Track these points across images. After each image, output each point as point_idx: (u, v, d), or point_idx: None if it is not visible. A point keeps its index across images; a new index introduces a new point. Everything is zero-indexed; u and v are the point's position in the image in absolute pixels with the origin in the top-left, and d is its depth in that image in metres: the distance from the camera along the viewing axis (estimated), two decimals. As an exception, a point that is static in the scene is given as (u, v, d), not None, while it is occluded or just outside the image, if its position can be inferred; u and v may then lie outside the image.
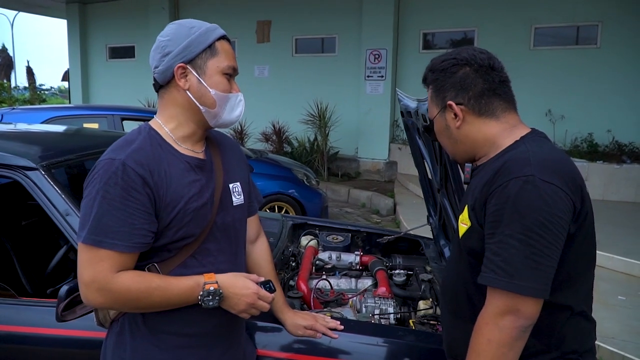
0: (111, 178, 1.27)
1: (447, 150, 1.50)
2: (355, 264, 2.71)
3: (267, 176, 6.16)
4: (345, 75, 10.87)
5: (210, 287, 1.34)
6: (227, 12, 12.26)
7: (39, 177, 1.93)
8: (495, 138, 1.36)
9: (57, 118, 5.63)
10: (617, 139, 8.38)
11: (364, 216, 7.86)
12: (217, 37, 1.42)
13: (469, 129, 1.38)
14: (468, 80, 1.36)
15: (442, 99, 1.41)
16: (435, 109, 1.44)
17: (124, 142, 1.37)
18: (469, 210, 1.31)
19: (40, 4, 15.22)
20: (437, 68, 1.42)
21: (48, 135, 2.73)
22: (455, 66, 1.37)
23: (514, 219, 1.14)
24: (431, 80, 1.44)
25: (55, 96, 38.39)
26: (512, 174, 1.18)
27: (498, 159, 1.30)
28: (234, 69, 1.45)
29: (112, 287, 1.29)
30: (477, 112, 1.36)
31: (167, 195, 1.33)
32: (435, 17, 9.94)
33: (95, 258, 1.28)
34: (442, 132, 1.45)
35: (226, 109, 1.44)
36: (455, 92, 1.37)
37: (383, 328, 1.92)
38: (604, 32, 8.62)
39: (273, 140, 10.63)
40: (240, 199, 1.54)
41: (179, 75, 1.39)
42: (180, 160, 1.40)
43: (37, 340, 1.88)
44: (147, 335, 1.41)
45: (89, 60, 15.03)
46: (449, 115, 1.40)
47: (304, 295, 2.22)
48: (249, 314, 1.42)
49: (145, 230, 1.30)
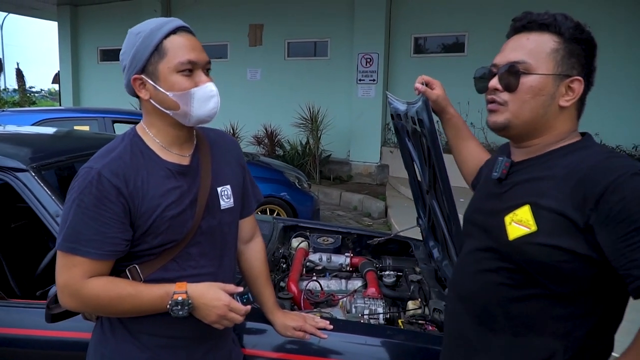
0: (86, 187, 1.30)
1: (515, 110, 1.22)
2: (346, 265, 2.72)
3: (258, 179, 6.14)
4: (337, 79, 10.90)
5: (178, 297, 1.34)
6: (219, 16, 12.27)
7: (29, 178, 1.94)
8: (564, 134, 1.22)
9: (47, 120, 5.63)
10: (604, 143, 8.44)
11: (356, 219, 7.88)
12: (163, 35, 1.34)
13: (564, 114, 1.22)
14: (594, 74, 1.23)
15: (570, 67, 1.19)
16: (553, 67, 1.19)
17: (106, 150, 1.38)
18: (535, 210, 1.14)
19: (31, 5, 15.15)
20: (587, 36, 1.19)
21: (38, 137, 2.73)
22: (596, 49, 1.21)
23: None
24: (571, 37, 1.18)
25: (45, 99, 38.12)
26: (620, 169, 1.05)
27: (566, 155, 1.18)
28: (191, 61, 1.35)
29: (83, 292, 1.32)
30: (578, 107, 1.24)
31: (143, 204, 1.34)
32: (426, 22, 10.00)
33: (68, 264, 1.31)
34: (538, 94, 1.20)
35: (194, 106, 1.35)
36: (585, 73, 1.20)
37: (371, 327, 1.93)
38: (594, 34, 8.68)
39: (265, 144, 10.63)
40: (229, 202, 1.53)
41: (138, 86, 1.37)
42: (161, 167, 1.40)
43: (26, 341, 1.88)
44: (127, 334, 1.43)
45: (80, 62, 14.97)
46: (563, 87, 1.19)
47: (294, 297, 2.23)
48: (221, 325, 1.40)
49: (118, 239, 1.32)
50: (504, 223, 1.19)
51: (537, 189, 1.17)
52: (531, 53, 1.20)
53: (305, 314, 1.86)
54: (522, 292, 1.17)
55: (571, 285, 1.11)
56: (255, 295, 1.76)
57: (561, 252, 1.09)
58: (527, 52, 1.21)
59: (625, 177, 1.03)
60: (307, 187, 6.67)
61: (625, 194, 1.02)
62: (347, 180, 10.37)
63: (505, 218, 1.19)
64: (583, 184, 1.08)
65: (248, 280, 1.78)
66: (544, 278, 1.13)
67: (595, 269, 1.07)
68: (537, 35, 1.21)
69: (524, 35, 1.24)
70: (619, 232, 1.01)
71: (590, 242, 1.06)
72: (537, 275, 1.13)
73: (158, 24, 1.36)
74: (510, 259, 1.18)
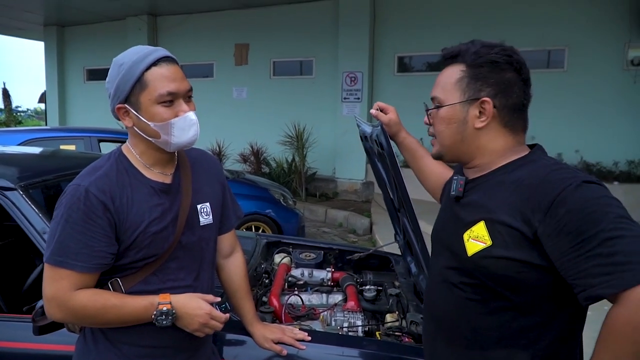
0: (74, 203, 1.36)
1: (439, 141, 1.35)
2: (327, 280, 2.78)
3: (243, 196, 6.21)
4: (322, 97, 11.04)
5: (163, 308, 1.41)
6: (205, 35, 12.42)
7: (17, 197, 1.99)
8: (505, 152, 1.27)
9: (34, 140, 5.64)
10: (585, 159, 8.65)
11: (341, 235, 7.94)
12: (144, 67, 1.38)
13: (486, 134, 1.27)
14: (514, 88, 1.24)
15: (476, 90, 1.25)
16: (459, 95, 1.28)
17: (92, 168, 1.46)
18: (489, 225, 1.19)
19: (17, 26, 15.18)
20: (486, 56, 1.25)
21: (26, 157, 2.78)
22: (508, 65, 1.24)
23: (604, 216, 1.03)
24: (472, 63, 1.27)
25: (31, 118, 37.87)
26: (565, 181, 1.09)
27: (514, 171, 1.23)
28: (171, 93, 1.39)
29: (70, 304, 1.38)
30: (504, 123, 1.26)
31: (128, 219, 1.41)
32: (410, 41, 10.20)
33: (56, 276, 1.37)
34: (453, 122, 1.29)
35: (174, 134, 1.41)
36: (495, 92, 1.24)
37: (348, 339, 2.00)
38: (570, 56, 8.94)
39: (251, 161, 10.68)
40: (208, 219, 1.60)
41: (122, 114, 1.45)
42: (145, 185, 1.47)
43: (13, 355, 1.92)
44: (108, 345, 1.49)
45: (66, 82, 15.01)
46: (474, 111, 1.26)
47: (275, 310, 2.30)
48: (203, 333, 1.49)
49: (104, 253, 1.39)
50: (463, 240, 1.24)
51: (489, 204, 1.21)
52: (442, 87, 1.32)
53: (284, 326, 1.93)
54: (486, 306, 1.21)
55: (531, 294, 1.15)
56: (235, 307, 1.83)
57: (516, 264, 1.13)
58: (439, 87, 1.33)
59: (570, 189, 1.08)
60: (292, 204, 6.73)
61: (570, 206, 1.06)
62: (332, 197, 10.44)
63: (464, 235, 1.24)
64: (530, 197, 1.12)
65: (228, 293, 1.84)
66: (504, 290, 1.17)
67: (551, 277, 1.12)
68: (450, 68, 1.32)
69: (443, 70, 1.35)
70: (567, 244, 1.05)
71: (541, 252, 1.11)
72: (498, 287, 1.18)
73: (140, 55, 1.40)
74: (472, 274, 1.22)
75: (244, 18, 11.87)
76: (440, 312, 1.34)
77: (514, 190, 1.18)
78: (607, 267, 1.00)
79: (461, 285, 1.26)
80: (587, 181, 1.09)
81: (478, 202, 1.26)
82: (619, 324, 1.00)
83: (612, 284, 0.99)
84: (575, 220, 1.05)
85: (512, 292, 1.17)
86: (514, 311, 1.18)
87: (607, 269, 1.00)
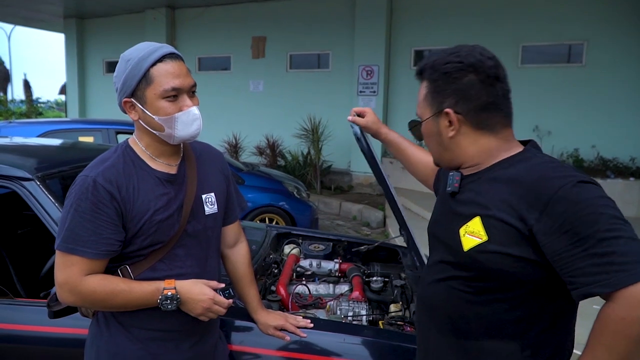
0: (83, 193, 1.43)
1: (432, 154, 1.43)
2: (335, 271, 2.84)
3: (258, 189, 6.30)
4: (338, 91, 11.07)
5: (168, 293, 1.48)
6: (222, 28, 12.51)
7: (35, 187, 2.08)
8: (491, 152, 1.30)
9: (53, 132, 5.78)
10: (601, 155, 8.57)
11: (355, 228, 7.99)
12: (150, 63, 1.44)
13: (462, 140, 1.31)
14: (472, 91, 1.26)
15: (439, 103, 1.30)
16: (429, 110, 1.34)
17: (100, 160, 1.53)
18: (485, 221, 1.22)
19: (38, 18, 15.42)
20: (440, 69, 1.29)
21: (43, 148, 2.87)
22: (461, 72, 1.26)
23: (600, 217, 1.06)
24: (430, 78, 1.32)
25: (52, 109, 38.49)
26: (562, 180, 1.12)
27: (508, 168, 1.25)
28: (175, 88, 1.46)
29: (81, 288, 1.45)
30: (475, 125, 1.29)
31: (134, 208, 1.47)
32: (426, 35, 10.17)
33: (67, 263, 1.45)
34: (431, 136, 1.36)
35: (177, 128, 1.48)
36: (455, 100, 1.28)
37: (350, 327, 2.05)
38: (589, 50, 8.85)
39: (267, 154, 10.77)
40: (213, 209, 1.67)
41: (128, 108, 1.51)
42: (151, 175, 1.54)
43: (31, 338, 2.01)
44: (120, 328, 1.57)
45: (86, 74, 15.23)
46: (443, 122, 1.31)
47: (282, 299, 2.36)
48: (207, 317, 1.55)
49: (112, 240, 1.46)
50: (459, 235, 1.27)
51: (485, 201, 1.24)
52: (418, 105, 1.39)
53: (287, 314, 1.99)
54: (479, 298, 1.25)
55: (524, 288, 1.19)
56: (240, 295, 1.90)
57: (511, 259, 1.16)
58: (418, 105, 1.39)
59: (566, 188, 1.10)
60: (305, 196, 6.79)
61: (567, 206, 1.08)
62: (347, 190, 10.48)
63: (459, 230, 1.27)
64: (526, 194, 1.15)
65: (233, 281, 1.91)
66: (498, 283, 1.21)
67: (544, 272, 1.15)
68: (421, 85, 1.38)
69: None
70: (563, 243, 1.08)
71: (535, 248, 1.14)
72: (492, 281, 1.22)
73: (147, 51, 1.47)
74: (467, 268, 1.26)
75: (261, 11, 11.92)
76: (434, 303, 1.38)
77: (509, 186, 1.21)
78: (602, 267, 1.03)
79: (456, 278, 1.30)
80: (583, 181, 1.11)
81: (473, 198, 1.28)
82: (613, 321, 1.04)
83: (607, 283, 1.03)
84: (572, 219, 1.07)
85: (505, 285, 1.21)
86: (505, 303, 1.22)
87: (602, 268, 1.03)
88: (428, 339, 1.41)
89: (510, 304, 1.22)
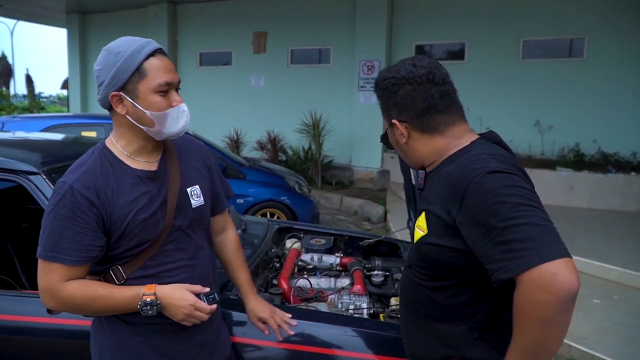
0: (60, 200, 1.43)
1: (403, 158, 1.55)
2: (336, 265, 2.88)
3: (259, 183, 6.34)
4: (339, 86, 11.08)
5: (147, 299, 1.47)
6: (223, 23, 12.51)
7: (41, 181, 2.11)
8: (442, 150, 1.39)
9: (56, 126, 5.81)
10: (602, 149, 8.59)
11: (356, 223, 8.03)
12: (143, 57, 1.44)
13: (415, 144, 1.42)
14: (408, 100, 1.38)
15: (388, 116, 1.45)
16: (385, 123, 1.49)
17: (77, 164, 1.53)
18: (426, 215, 1.33)
19: (40, 13, 15.44)
20: (380, 86, 1.44)
21: (49, 143, 2.90)
22: (395, 85, 1.39)
23: (502, 206, 1.12)
24: (377, 95, 1.47)
25: (54, 104, 38.53)
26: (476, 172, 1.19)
27: (450, 163, 1.33)
28: (168, 83, 1.47)
29: (60, 294, 1.46)
30: (421, 130, 1.39)
31: (115, 211, 1.47)
32: (427, 30, 10.18)
33: (47, 269, 1.46)
34: (394, 144, 1.50)
35: (167, 124, 1.49)
36: (397, 111, 1.40)
37: (350, 319, 2.09)
38: (590, 45, 8.85)
39: (268, 149, 10.80)
40: (199, 201, 1.66)
41: (115, 102, 1.48)
42: (131, 175, 1.52)
43: (37, 330, 2.05)
44: (120, 322, 1.58)
45: (88, 69, 15.21)
46: (396, 131, 1.43)
47: (284, 292, 2.40)
48: (189, 323, 1.54)
49: (92, 246, 1.45)
50: (414, 228, 1.41)
51: (429, 196, 1.36)
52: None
53: (276, 309, 1.95)
54: (430, 284, 1.38)
55: (461, 275, 1.31)
56: (232, 279, 1.94)
57: (445, 249, 1.28)
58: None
59: (477, 179, 1.18)
60: (307, 191, 6.83)
61: (475, 197, 1.17)
62: (348, 185, 10.52)
63: (416, 223, 1.40)
64: (451, 189, 1.25)
65: (223, 265, 1.94)
66: (441, 272, 1.34)
67: (474, 260, 1.22)
68: None
69: None
70: (476, 234, 1.17)
71: (462, 238, 1.23)
72: (437, 270, 1.35)
73: (138, 45, 1.46)
74: (418, 258, 1.40)
75: (262, 6, 11.93)
76: (403, 288, 1.55)
77: (443, 182, 1.31)
78: (505, 254, 1.10)
79: (413, 266, 1.44)
80: (493, 171, 1.19)
81: (426, 194, 1.41)
82: (519, 305, 1.11)
83: (509, 269, 1.09)
84: (480, 210, 1.16)
85: (447, 273, 1.33)
86: (452, 289, 1.34)
87: (505, 255, 1.10)
88: (401, 317, 1.59)
89: (454, 290, 1.34)
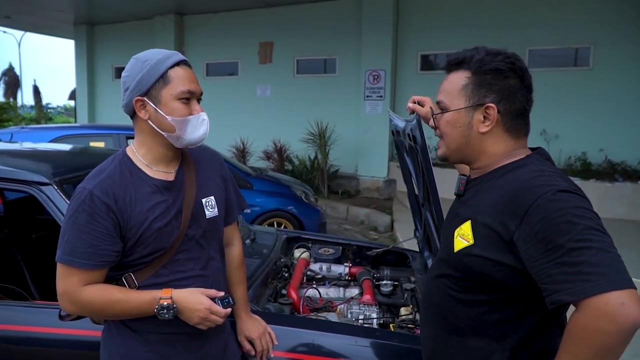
0: (80, 206, 1.47)
1: (446, 144, 1.40)
2: (345, 274, 2.87)
3: (266, 193, 6.34)
4: (345, 95, 11.10)
5: (164, 302, 1.50)
6: (230, 34, 12.59)
7: (52, 191, 2.12)
8: (504, 155, 1.33)
9: (64, 137, 5.84)
10: (609, 158, 8.56)
11: (362, 232, 8.01)
12: (169, 65, 1.51)
13: (489, 139, 1.33)
14: (517, 94, 1.30)
15: (481, 96, 1.31)
16: (465, 100, 1.33)
17: (97, 171, 1.56)
18: (473, 225, 1.27)
19: (48, 24, 15.58)
20: (491, 64, 1.30)
21: (59, 154, 2.93)
22: (512, 71, 1.29)
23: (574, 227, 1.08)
24: (478, 70, 1.31)
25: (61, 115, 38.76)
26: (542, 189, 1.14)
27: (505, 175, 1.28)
28: (190, 92, 1.53)
29: (79, 298, 1.49)
30: (506, 128, 1.32)
31: (132, 218, 1.50)
32: (432, 39, 10.20)
33: (66, 273, 1.49)
34: (458, 126, 1.35)
35: (187, 131, 1.53)
36: (499, 98, 1.29)
37: (362, 329, 2.09)
38: (596, 54, 8.85)
39: (274, 159, 10.81)
40: (213, 212, 1.68)
41: (138, 107, 1.54)
42: (148, 184, 1.56)
43: (46, 340, 2.05)
44: (130, 332, 1.60)
45: (95, 79, 15.36)
46: (478, 116, 1.32)
47: (293, 302, 2.40)
48: (204, 326, 1.56)
49: (109, 251, 1.49)
50: (453, 236, 1.33)
51: (477, 205, 1.30)
52: (447, 93, 1.38)
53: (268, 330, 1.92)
54: (464, 297, 1.31)
55: (503, 292, 1.24)
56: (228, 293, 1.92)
57: (492, 263, 1.22)
58: (445, 93, 1.38)
59: (545, 197, 1.13)
60: (313, 201, 6.83)
61: (543, 214, 1.11)
62: (355, 194, 10.51)
63: (455, 232, 1.33)
64: (510, 202, 1.19)
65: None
66: (481, 286, 1.27)
67: (523, 278, 1.18)
68: (454, 75, 1.37)
69: (447, 76, 1.40)
70: (538, 251, 1.10)
71: (516, 255, 1.17)
72: (476, 283, 1.28)
73: (164, 55, 1.53)
74: (456, 268, 1.32)
75: (269, 17, 12.00)
76: (430, 296, 1.46)
77: (498, 193, 1.25)
78: (570, 276, 1.05)
79: (447, 276, 1.36)
80: (563, 190, 1.14)
81: (470, 202, 1.34)
82: (577, 329, 1.06)
83: (573, 292, 1.04)
84: (547, 228, 1.10)
85: (488, 288, 1.26)
86: (489, 305, 1.28)
87: (570, 277, 1.05)
88: (424, 328, 1.52)
89: (491, 306, 1.27)
